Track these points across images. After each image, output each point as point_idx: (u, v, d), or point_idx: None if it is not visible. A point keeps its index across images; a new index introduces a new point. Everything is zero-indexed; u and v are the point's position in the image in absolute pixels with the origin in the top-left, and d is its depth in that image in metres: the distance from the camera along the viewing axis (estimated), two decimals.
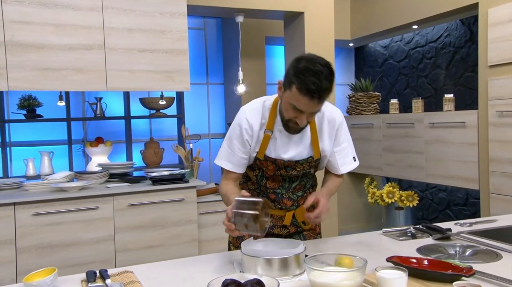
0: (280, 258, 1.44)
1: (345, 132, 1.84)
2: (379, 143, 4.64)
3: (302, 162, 1.77)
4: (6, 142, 3.80)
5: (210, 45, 4.78)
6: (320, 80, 1.48)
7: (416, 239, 1.87)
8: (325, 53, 3.83)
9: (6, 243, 2.84)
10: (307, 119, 1.61)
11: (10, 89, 2.91)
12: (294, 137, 1.75)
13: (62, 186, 3.06)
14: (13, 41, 2.91)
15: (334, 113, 1.80)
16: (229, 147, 1.79)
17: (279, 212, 1.87)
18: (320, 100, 1.53)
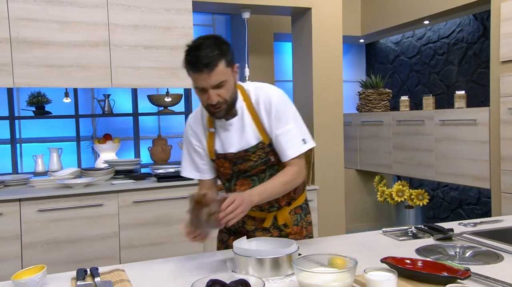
0: (271, 258, 1.41)
1: (288, 113, 1.70)
2: (389, 140, 4.57)
3: (253, 150, 1.69)
4: (16, 139, 3.83)
5: None
6: (200, 51, 1.50)
7: (417, 239, 1.82)
8: (333, 49, 3.79)
9: (12, 239, 2.87)
10: (217, 95, 1.55)
11: (15, 86, 2.93)
12: (235, 128, 1.70)
13: (68, 182, 3.08)
14: (19, 38, 2.93)
15: (269, 94, 1.69)
16: (188, 157, 1.81)
17: (260, 214, 1.81)
18: (208, 69, 1.50)
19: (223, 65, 1.53)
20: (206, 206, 1.43)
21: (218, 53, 1.51)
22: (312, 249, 1.68)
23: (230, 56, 1.56)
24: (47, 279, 1.40)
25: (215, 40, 1.55)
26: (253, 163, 1.71)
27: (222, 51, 1.52)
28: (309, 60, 3.77)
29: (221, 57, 1.51)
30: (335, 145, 3.85)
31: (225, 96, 1.57)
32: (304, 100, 3.90)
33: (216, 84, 1.53)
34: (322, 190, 3.77)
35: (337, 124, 3.85)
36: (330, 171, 3.82)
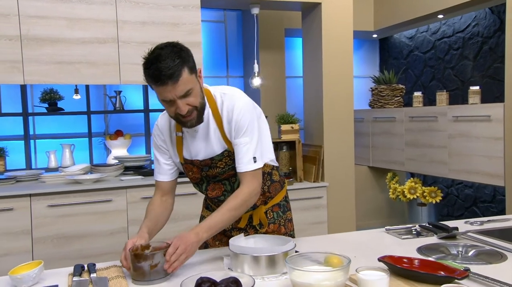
0: (267, 255, 1.40)
1: (247, 125, 1.60)
2: (402, 137, 4.50)
3: (219, 158, 1.65)
4: (30, 135, 3.89)
5: (231, 38, 4.75)
6: (160, 63, 1.42)
7: (420, 237, 1.79)
8: (343, 45, 3.74)
9: (23, 233, 2.91)
10: (187, 104, 1.49)
11: (26, 83, 2.97)
12: (200, 135, 1.64)
13: (77, 178, 3.11)
14: (29, 35, 2.97)
15: (233, 102, 1.61)
16: (155, 160, 1.79)
17: None
18: (172, 80, 1.43)
19: (187, 73, 1.46)
20: (148, 259, 1.36)
21: (179, 62, 1.44)
22: (311, 247, 1.67)
23: (191, 62, 1.50)
24: (45, 275, 1.42)
25: (173, 48, 1.47)
26: (220, 169, 1.67)
27: (183, 59, 1.46)
28: (319, 55, 3.74)
29: (183, 65, 1.45)
30: (345, 141, 3.81)
31: (194, 104, 1.52)
32: (314, 96, 3.87)
33: (183, 94, 1.47)
34: (332, 187, 3.74)
35: (347, 120, 3.81)
36: (340, 167, 3.79)
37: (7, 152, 3.72)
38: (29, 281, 1.33)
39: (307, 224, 3.64)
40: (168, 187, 1.77)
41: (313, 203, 3.65)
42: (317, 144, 3.83)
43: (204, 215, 1.91)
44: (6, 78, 2.93)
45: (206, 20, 4.61)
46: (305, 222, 3.61)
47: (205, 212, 1.91)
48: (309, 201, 3.64)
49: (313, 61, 3.84)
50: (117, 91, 3.94)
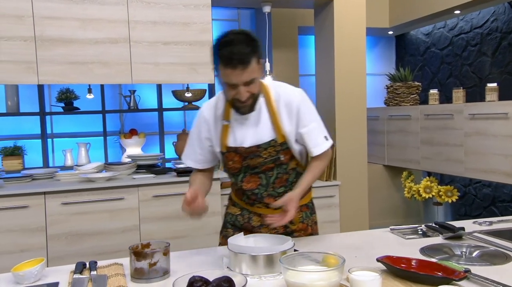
0: (265, 254, 1.40)
1: (309, 112, 1.74)
2: (417, 135, 4.44)
3: (265, 147, 1.69)
4: (48, 134, 3.97)
5: None
6: (235, 47, 1.49)
7: (425, 238, 1.77)
8: (356, 42, 3.71)
9: (38, 231, 2.98)
10: (247, 92, 1.57)
11: (40, 83, 3.03)
12: (251, 122, 1.70)
13: (91, 176, 3.16)
14: (43, 36, 3.02)
15: (291, 95, 1.72)
16: (191, 148, 1.83)
17: (266, 210, 1.79)
18: (243, 65, 1.50)
19: (255, 62, 1.53)
20: (147, 258, 1.37)
21: (250, 50, 1.51)
22: (313, 246, 1.66)
23: (260, 53, 1.57)
24: (47, 272, 1.45)
25: (247, 36, 1.54)
26: (263, 160, 1.71)
27: (254, 48, 1.53)
28: (331, 53, 3.71)
29: (253, 54, 1.52)
30: (358, 139, 3.78)
31: (254, 91, 1.60)
32: (326, 94, 3.85)
33: (248, 81, 1.54)
34: (344, 185, 3.72)
35: (360, 118, 3.77)
36: (352, 166, 3.76)
37: (25, 151, 3.80)
38: (31, 278, 1.36)
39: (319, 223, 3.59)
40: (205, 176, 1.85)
41: (325, 202, 3.63)
42: None
43: (230, 211, 1.93)
44: (22, 79, 2.99)
45: (220, 19, 4.63)
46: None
47: (231, 209, 1.92)
48: (321, 200, 3.61)
49: (326, 59, 3.82)
50: (131, 91, 3.99)
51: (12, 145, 3.72)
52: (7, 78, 2.97)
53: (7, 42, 2.96)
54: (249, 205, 1.83)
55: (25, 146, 3.79)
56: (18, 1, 2.97)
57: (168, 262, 1.42)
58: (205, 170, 1.87)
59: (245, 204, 1.84)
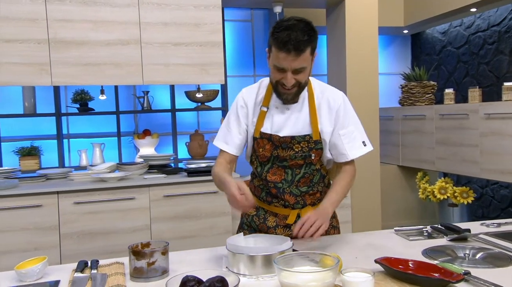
0: (263, 255, 1.40)
1: (350, 115, 1.76)
2: (432, 135, 4.37)
3: (299, 140, 1.70)
4: (64, 134, 4.05)
5: (258, 37, 4.77)
6: (293, 32, 1.49)
7: (429, 239, 1.74)
8: (368, 42, 3.68)
9: (51, 229, 3.03)
10: (294, 79, 1.59)
11: (53, 84, 3.09)
12: (290, 113, 1.71)
13: (103, 176, 3.21)
14: (56, 38, 3.08)
15: (334, 95, 1.75)
16: (226, 127, 1.81)
17: (283, 210, 1.79)
18: (297, 52, 1.51)
19: (309, 51, 1.55)
20: (146, 257, 1.38)
21: (308, 39, 1.51)
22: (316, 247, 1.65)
23: (315, 44, 1.58)
24: (49, 270, 1.47)
25: (307, 25, 1.54)
26: (294, 153, 1.71)
27: (311, 38, 1.53)
28: (343, 53, 3.69)
29: (309, 43, 1.53)
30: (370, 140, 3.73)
31: (301, 80, 1.60)
32: None
33: (298, 69, 1.56)
34: (355, 186, 3.69)
35: (372, 119, 3.74)
36: (364, 166, 3.72)
37: (41, 151, 3.88)
38: (33, 276, 1.39)
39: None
40: (233, 158, 1.80)
41: None
42: None
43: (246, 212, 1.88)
44: (35, 80, 3.05)
45: (233, 20, 4.65)
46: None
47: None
48: None
49: (337, 58, 3.79)
50: (145, 91, 4.03)
51: (29, 146, 3.80)
52: (21, 80, 3.04)
53: (22, 45, 3.02)
54: (266, 204, 1.81)
55: (41, 147, 3.87)
56: (33, 5, 3.03)
57: (167, 262, 1.44)
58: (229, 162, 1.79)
59: (262, 202, 1.83)
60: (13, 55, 3.01)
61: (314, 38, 1.55)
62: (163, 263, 1.41)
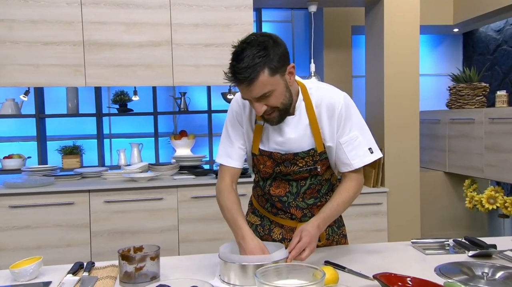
0: (255, 265, 1.33)
1: (353, 120, 1.56)
2: (481, 140, 4.09)
3: (303, 155, 1.56)
4: (105, 134, 4.16)
5: (298, 38, 4.68)
6: (239, 61, 1.33)
7: (448, 254, 1.60)
8: (408, 42, 3.50)
9: (82, 227, 3.10)
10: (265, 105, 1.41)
11: (87, 85, 3.17)
12: (289, 127, 1.54)
13: (133, 176, 3.25)
14: (90, 40, 3.15)
15: (334, 98, 1.54)
16: (226, 139, 1.65)
17: (290, 222, 1.68)
18: (248, 82, 1.34)
19: (266, 74, 1.35)
20: (133, 262, 1.34)
21: (259, 62, 1.33)
22: (318, 257, 1.56)
23: (276, 61, 1.36)
24: (45, 270, 1.47)
25: (259, 44, 1.35)
26: (298, 168, 1.58)
27: (265, 58, 1.34)
28: (381, 53, 3.53)
29: (263, 66, 1.34)
30: (409, 144, 3.55)
31: (274, 105, 1.43)
32: (375, 96, 3.66)
33: (259, 96, 1.39)
34: (392, 193, 3.51)
35: (412, 122, 3.54)
36: (402, 172, 3.54)
37: (83, 150, 4.00)
38: (26, 276, 1.39)
39: (365, 231, 3.45)
40: (238, 173, 1.65)
41: (371, 209, 3.45)
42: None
43: (249, 220, 1.80)
44: (70, 81, 3.14)
45: (273, 21, 4.59)
46: (363, 229, 3.43)
47: (251, 217, 1.79)
48: (368, 207, 3.45)
49: (375, 59, 3.63)
50: (182, 93, 4.06)
51: (72, 145, 3.93)
52: (57, 81, 3.13)
53: (59, 47, 3.12)
54: (272, 214, 1.70)
55: (83, 146, 4.00)
56: (69, 8, 3.12)
57: (158, 267, 1.40)
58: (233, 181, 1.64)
59: (267, 212, 1.71)
60: (50, 56, 3.11)
61: (269, 58, 1.34)
62: (152, 268, 1.37)
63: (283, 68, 1.41)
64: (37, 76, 3.11)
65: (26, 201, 3.03)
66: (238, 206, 1.57)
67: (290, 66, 1.44)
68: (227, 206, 1.57)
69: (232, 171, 1.64)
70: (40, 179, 3.17)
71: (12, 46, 3.07)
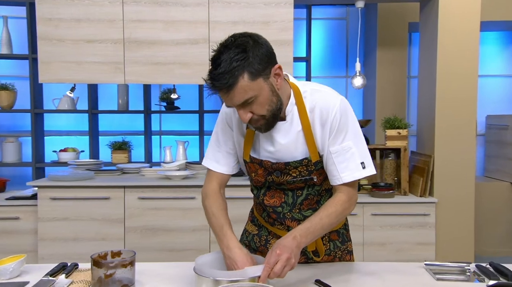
0: (229, 280, 1.23)
1: (349, 128, 1.40)
2: None
3: (296, 165, 1.43)
4: (154, 131, 4.23)
5: (352, 36, 4.46)
6: (214, 68, 1.24)
7: (464, 282, 1.39)
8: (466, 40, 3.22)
9: (117, 222, 3.16)
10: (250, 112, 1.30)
11: (126, 83, 3.21)
12: (280, 134, 1.41)
13: (168, 174, 3.25)
14: (130, 38, 3.19)
15: (329, 101, 1.39)
16: (215, 143, 1.56)
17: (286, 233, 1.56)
18: (225, 89, 1.24)
19: (246, 79, 1.24)
20: (103, 267, 1.28)
21: (237, 66, 1.23)
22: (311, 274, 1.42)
23: (257, 64, 1.26)
24: (29, 268, 1.47)
25: (237, 46, 1.26)
26: (291, 178, 1.46)
27: (243, 62, 1.24)
28: (434, 52, 3.25)
29: (242, 71, 1.23)
30: (464, 151, 3.23)
31: (259, 112, 1.31)
32: (427, 98, 3.38)
33: (241, 103, 1.28)
34: (442, 203, 3.22)
35: (467, 127, 3.23)
36: (454, 182, 3.23)
37: (132, 146, 4.09)
38: (7, 274, 1.39)
39: (411, 243, 3.20)
40: (226, 178, 1.57)
41: (418, 220, 3.19)
42: (427, 153, 3.34)
43: (247, 228, 1.71)
44: (110, 78, 3.20)
45: (326, 18, 4.41)
46: (407, 241, 3.19)
47: (250, 226, 1.70)
48: (414, 218, 3.19)
49: (428, 58, 3.35)
50: None
51: (121, 140, 4.04)
52: (99, 78, 3.20)
53: (100, 45, 3.19)
54: (269, 225, 1.59)
55: (132, 142, 4.09)
56: (111, 7, 3.17)
57: (132, 274, 1.33)
58: (222, 186, 1.57)
59: (265, 222, 1.60)
60: (93, 54, 3.19)
61: (249, 61, 1.24)
62: (125, 276, 1.31)
63: (266, 70, 1.29)
64: (80, 73, 3.20)
65: (66, 194, 3.13)
66: (224, 212, 1.49)
67: (276, 67, 1.32)
68: (213, 211, 1.49)
69: (219, 176, 1.56)
70: (80, 173, 3.26)
71: (58, 44, 3.18)
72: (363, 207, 3.17)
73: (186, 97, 4.14)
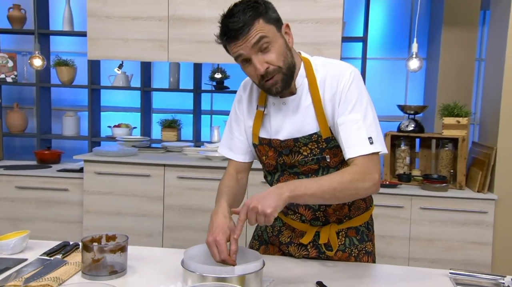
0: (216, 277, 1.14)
1: (357, 98, 1.31)
2: None
3: (305, 141, 1.36)
4: (205, 110, 4.21)
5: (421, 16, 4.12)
6: (228, 18, 1.26)
7: None
8: None
9: (157, 199, 3.17)
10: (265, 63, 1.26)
11: (169, 60, 3.18)
12: (289, 109, 1.37)
13: (208, 154, 3.20)
14: (175, 15, 3.14)
15: (340, 71, 1.33)
16: (228, 130, 1.54)
17: (300, 225, 1.47)
18: (242, 30, 1.23)
19: (262, 22, 1.25)
20: (90, 252, 1.24)
21: (251, 14, 1.24)
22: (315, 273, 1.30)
23: (271, 14, 1.28)
24: (33, 244, 1.46)
25: (248, 3, 1.27)
26: (302, 158, 1.38)
27: (257, 11, 1.25)
28: (504, 32, 2.90)
29: (257, 17, 1.25)
30: None
31: (276, 63, 1.27)
32: (493, 84, 3.04)
33: (256, 42, 1.24)
34: (503, 201, 2.92)
35: None
36: None
37: (181, 125, 4.10)
38: (8, 250, 1.39)
39: (464, 242, 2.94)
40: (243, 166, 1.53)
41: (473, 218, 2.91)
42: (490, 145, 3.02)
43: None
44: (154, 56, 3.18)
45: None
46: (461, 239, 2.93)
47: None
48: (469, 215, 2.92)
49: (498, 39, 3.00)
50: None
51: (171, 118, 4.06)
52: (143, 55, 3.20)
53: (145, 22, 3.17)
54: (282, 214, 1.51)
55: (181, 120, 4.09)
56: None
57: (123, 259, 1.28)
58: (239, 172, 1.53)
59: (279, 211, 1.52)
60: (138, 31, 3.18)
61: (262, 11, 1.26)
62: (115, 261, 1.26)
63: (278, 23, 1.31)
64: (126, 50, 3.21)
65: (109, 169, 3.18)
66: (230, 189, 1.44)
67: (285, 25, 1.34)
68: (220, 188, 1.47)
69: (235, 163, 1.53)
70: (124, 149, 3.30)
71: (106, 20, 3.20)
72: (411, 200, 2.94)
73: (237, 77, 4.06)
